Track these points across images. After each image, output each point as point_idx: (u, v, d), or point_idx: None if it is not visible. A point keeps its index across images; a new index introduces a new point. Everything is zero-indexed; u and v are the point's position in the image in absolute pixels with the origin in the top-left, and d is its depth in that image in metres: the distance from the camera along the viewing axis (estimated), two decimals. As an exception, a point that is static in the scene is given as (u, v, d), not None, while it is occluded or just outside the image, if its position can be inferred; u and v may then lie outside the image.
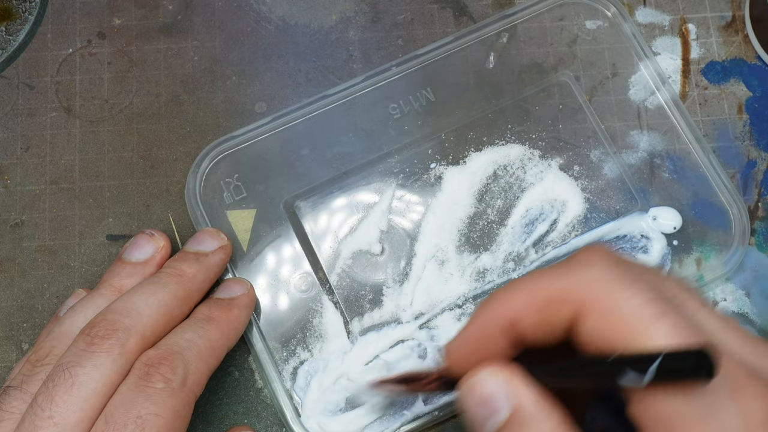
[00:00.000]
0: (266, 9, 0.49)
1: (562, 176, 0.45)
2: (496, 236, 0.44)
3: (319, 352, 0.42)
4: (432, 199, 0.45)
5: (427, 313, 0.43)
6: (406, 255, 0.44)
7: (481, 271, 0.44)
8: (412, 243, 0.44)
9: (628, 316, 0.26)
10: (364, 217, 0.44)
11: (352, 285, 0.43)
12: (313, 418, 0.41)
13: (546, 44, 0.48)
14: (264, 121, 0.45)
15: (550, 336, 0.28)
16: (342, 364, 0.42)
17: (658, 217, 0.45)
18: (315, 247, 0.44)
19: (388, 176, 0.45)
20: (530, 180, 0.45)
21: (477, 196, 0.45)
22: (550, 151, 0.46)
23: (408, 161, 0.45)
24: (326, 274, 0.43)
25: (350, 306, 0.43)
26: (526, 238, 0.44)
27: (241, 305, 0.40)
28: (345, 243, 0.44)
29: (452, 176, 0.45)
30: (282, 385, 0.41)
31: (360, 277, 0.43)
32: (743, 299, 0.45)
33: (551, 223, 0.45)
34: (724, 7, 0.50)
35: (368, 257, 0.44)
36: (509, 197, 0.45)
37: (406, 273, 0.44)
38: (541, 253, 0.44)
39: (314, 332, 0.43)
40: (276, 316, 0.43)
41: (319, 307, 0.43)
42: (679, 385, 0.24)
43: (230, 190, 0.44)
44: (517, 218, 0.45)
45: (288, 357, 0.42)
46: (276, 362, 0.41)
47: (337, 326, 0.43)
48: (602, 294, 0.26)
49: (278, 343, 0.42)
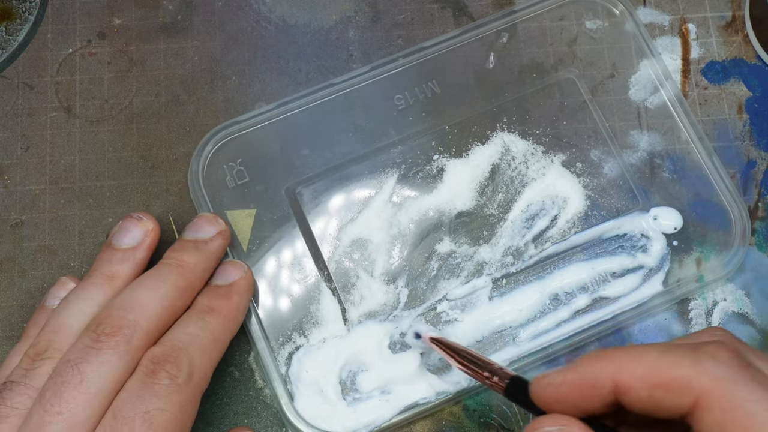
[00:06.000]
0: (266, 9, 0.49)
1: (564, 173, 0.45)
2: (496, 230, 0.44)
3: (315, 339, 0.42)
4: (433, 191, 0.45)
5: (425, 304, 0.43)
6: (405, 245, 0.44)
7: (480, 264, 0.44)
8: (412, 233, 0.44)
9: (755, 416, 0.26)
10: (365, 206, 0.44)
11: (350, 273, 0.43)
12: (306, 402, 0.41)
13: (546, 44, 0.48)
14: (269, 107, 0.45)
15: (652, 413, 0.29)
16: (337, 350, 0.42)
17: (659, 217, 0.45)
18: (315, 234, 0.44)
19: (390, 166, 0.45)
20: (532, 175, 0.45)
21: (478, 189, 0.45)
22: (554, 148, 0.46)
23: (411, 152, 0.45)
24: (325, 261, 0.43)
25: (348, 294, 0.43)
26: (525, 232, 0.44)
27: (240, 291, 0.40)
28: (345, 231, 0.44)
29: (454, 168, 0.45)
30: (277, 370, 0.41)
31: (359, 265, 0.43)
32: (743, 299, 0.44)
33: (552, 219, 0.45)
34: (724, 7, 0.50)
35: (368, 246, 0.44)
36: (510, 191, 0.45)
37: (405, 263, 0.44)
38: (540, 249, 0.44)
39: (311, 318, 0.43)
40: (274, 302, 0.43)
41: (317, 293, 0.43)
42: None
43: (233, 174, 0.44)
44: (517, 213, 0.45)
45: (284, 342, 0.42)
46: (272, 347, 0.41)
47: (335, 313, 0.43)
48: (729, 392, 0.27)
49: (275, 328, 0.42)
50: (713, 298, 0.44)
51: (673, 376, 0.28)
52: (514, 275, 0.44)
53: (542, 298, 0.43)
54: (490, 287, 0.43)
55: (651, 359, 0.29)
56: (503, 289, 0.43)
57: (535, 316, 0.43)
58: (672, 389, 0.28)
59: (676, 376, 0.28)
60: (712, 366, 0.28)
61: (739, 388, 0.27)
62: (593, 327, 0.42)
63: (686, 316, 0.44)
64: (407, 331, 0.40)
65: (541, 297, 0.43)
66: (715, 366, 0.28)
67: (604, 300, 0.43)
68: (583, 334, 0.42)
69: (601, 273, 0.44)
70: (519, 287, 0.43)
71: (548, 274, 0.44)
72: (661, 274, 0.44)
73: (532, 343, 0.42)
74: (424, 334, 0.39)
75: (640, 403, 0.29)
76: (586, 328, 0.42)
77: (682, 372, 0.28)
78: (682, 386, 0.28)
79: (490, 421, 0.42)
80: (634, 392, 0.29)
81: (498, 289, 0.43)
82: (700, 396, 0.28)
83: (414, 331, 0.39)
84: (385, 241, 0.44)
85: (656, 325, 0.44)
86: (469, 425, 0.42)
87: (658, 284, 0.43)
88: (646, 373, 0.29)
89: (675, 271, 0.44)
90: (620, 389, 0.29)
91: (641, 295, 0.43)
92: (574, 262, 0.44)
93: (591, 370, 0.30)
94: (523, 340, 0.42)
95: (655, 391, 0.28)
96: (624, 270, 0.44)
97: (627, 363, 0.29)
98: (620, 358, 0.30)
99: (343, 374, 0.41)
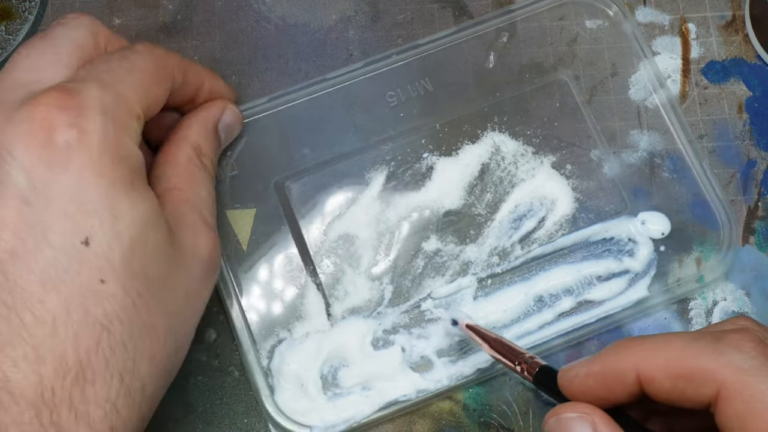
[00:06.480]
0: (266, 9, 0.49)
1: (553, 174, 0.45)
2: (483, 230, 0.44)
3: (298, 333, 0.42)
4: (422, 189, 0.45)
5: (410, 302, 0.43)
6: (392, 242, 0.44)
7: (466, 263, 0.44)
8: (399, 231, 0.44)
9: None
10: (353, 202, 0.45)
11: (335, 268, 0.44)
12: (286, 396, 0.41)
13: (546, 44, 0.48)
14: (260, 101, 0.45)
15: (676, 403, 0.29)
16: (319, 344, 0.42)
17: (646, 221, 0.44)
18: (303, 228, 0.44)
19: (380, 163, 0.45)
20: (521, 176, 0.45)
21: (467, 189, 0.45)
22: (544, 149, 0.46)
23: (401, 150, 0.46)
24: (311, 255, 0.44)
25: (333, 289, 0.43)
26: (513, 233, 0.44)
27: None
28: (332, 226, 0.44)
29: (444, 167, 0.45)
30: (258, 363, 0.41)
31: (344, 261, 0.44)
32: (743, 299, 0.44)
33: (539, 221, 0.44)
34: (724, 6, 0.49)
35: (354, 242, 0.44)
36: (499, 192, 0.45)
37: (391, 260, 0.44)
38: (526, 250, 0.44)
39: (295, 312, 0.43)
40: (259, 295, 0.43)
41: (302, 288, 0.43)
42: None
43: (221, 165, 0.44)
44: (505, 213, 0.44)
45: (267, 335, 0.42)
46: (255, 340, 0.42)
47: (318, 308, 0.43)
48: (751, 383, 0.27)
49: (259, 320, 0.43)
50: (713, 297, 0.44)
51: (696, 366, 0.28)
52: (499, 275, 0.44)
53: (527, 300, 0.43)
54: (475, 287, 0.43)
55: (674, 349, 0.29)
56: (488, 289, 0.43)
57: (519, 317, 0.43)
58: (694, 380, 0.28)
59: (699, 366, 0.28)
60: (735, 357, 0.28)
61: (761, 380, 0.27)
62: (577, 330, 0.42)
63: (686, 316, 0.44)
64: (444, 315, 0.42)
65: (526, 298, 0.43)
66: (738, 357, 0.28)
67: (589, 303, 0.43)
68: (567, 336, 0.42)
69: (586, 276, 0.43)
70: (504, 288, 0.43)
71: (534, 275, 0.44)
72: (646, 279, 0.43)
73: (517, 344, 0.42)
74: (461, 321, 0.40)
75: (664, 393, 0.29)
76: (570, 331, 0.42)
77: (705, 363, 0.28)
78: (704, 377, 0.28)
79: (490, 421, 0.42)
80: (657, 383, 0.29)
81: (483, 288, 0.43)
82: (722, 387, 0.27)
83: (451, 317, 0.41)
84: (372, 238, 0.44)
85: (656, 324, 0.44)
86: (469, 425, 0.42)
87: (644, 289, 0.43)
88: (669, 364, 0.29)
89: (675, 271, 0.44)
90: (644, 379, 0.29)
91: (626, 300, 0.43)
92: (560, 264, 0.44)
93: (614, 360, 0.30)
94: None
95: (677, 382, 0.29)
96: (610, 274, 0.43)
97: (650, 353, 0.30)
98: (644, 348, 0.30)
99: (324, 369, 0.42)
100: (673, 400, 0.29)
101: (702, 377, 0.28)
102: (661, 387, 0.29)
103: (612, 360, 0.30)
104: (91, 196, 0.30)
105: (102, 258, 0.30)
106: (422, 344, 0.42)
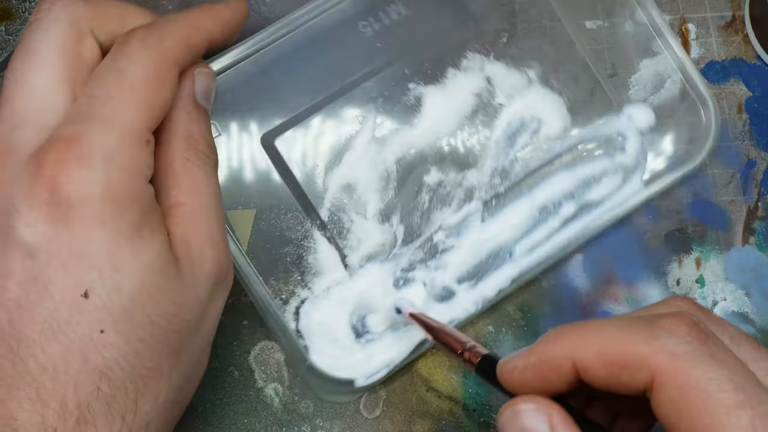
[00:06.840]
0: (266, 9, 0.46)
1: (543, 90, 0.45)
2: (480, 153, 0.44)
3: (318, 289, 0.42)
4: (414, 122, 0.44)
5: (422, 237, 0.43)
6: (394, 182, 0.43)
7: (470, 188, 0.44)
8: (399, 169, 0.44)
9: (710, 396, 0.26)
10: (348, 148, 0.43)
11: (343, 218, 0.43)
12: (322, 354, 0.41)
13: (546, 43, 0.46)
14: (227, 53, 0.42)
15: (613, 389, 0.29)
16: (342, 296, 0.42)
17: (632, 115, 0.45)
18: (301, 183, 0.43)
19: (366, 102, 0.44)
20: (511, 93, 0.45)
21: (459, 115, 0.44)
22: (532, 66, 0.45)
23: (385, 83, 0.44)
24: (316, 209, 0.43)
25: (344, 239, 0.43)
26: (509, 151, 0.44)
27: None
28: (331, 176, 0.43)
29: (432, 96, 0.44)
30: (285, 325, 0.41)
31: (351, 209, 0.43)
32: (743, 299, 0.45)
33: (532, 134, 0.45)
34: (724, 7, 0.49)
35: (357, 188, 0.43)
36: (490, 113, 0.45)
37: (396, 200, 0.43)
38: (525, 164, 0.44)
39: (311, 269, 0.42)
40: (270, 260, 0.42)
41: (312, 243, 0.42)
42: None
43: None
44: (499, 133, 0.44)
45: (288, 298, 0.42)
46: (277, 305, 0.41)
47: (334, 260, 0.42)
48: (684, 369, 0.26)
49: (277, 285, 0.42)
50: (713, 297, 0.45)
51: (629, 353, 0.28)
52: (502, 194, 0.44)
53: (531, 212, 0.44)
54: (481, 210, 0.44)
55: (608, 336, 0.29)
56: (493, 209, 0.44)
57: (527, 231, 0.44)
58: (628, 366, 0.28)
59: (632, 353, 0.28)
60: (668, 341, 0.27)
61: (695, 366, 0.26)
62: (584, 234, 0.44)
63: (686, 316, 0.46)
64: (391, 305, 0.41)
65: (531, 211, 0.44)
66: (672, 341, 0.27)
67: (590, 205, 0.44)
68: (577, 242, 0.44)
69: (583, 179, 0.45)
70: (509, 205, 0.44)
71: (535, 187, 0.44)
72: (639, 172, 0.45)
73: (528, 258, 0.43)
74: (404, 309, 0.40)
75: (600, 381, 0.28)
76: (578, 237, 0.44)
77: (638, 349, 0.27)
78: (637, 363, 0.27)
79: (490, 421, 0.43)
80: (593, 371, 0.28)
81: (489, 210, 0.44)
82: (656, 373, 0.27)
83: (395, 306, 0.40)
84: (374, 181, 0.43)
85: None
86: (469, 425, 0.43)
87: (638, 182, 0.45)
88: (603, 351, 0.28)
89: (675, 271, 0.45)
90: (580, 368, 0.29)
91: (623, 195, 0.44)
92: (557, 173, 0.45)
93: (549, 350, 0.30)
94: (519, 255, 0.43)
95: (612, 369, 0.28)
96: (605, 172, 0.45)
97: (584, 341, 0.29)
98: (578, 336, 0.29)
99: (353, 319, 0.42)
100: (610, 387, 0.28)
101: (635, 363, 0.27)
102: (596, 375, 0.28)
103: (547, 350, 0.30)
104: (92, 250, 0.30)
105: (102, 309, 0.30)
106: (441, 275, 0.43)
